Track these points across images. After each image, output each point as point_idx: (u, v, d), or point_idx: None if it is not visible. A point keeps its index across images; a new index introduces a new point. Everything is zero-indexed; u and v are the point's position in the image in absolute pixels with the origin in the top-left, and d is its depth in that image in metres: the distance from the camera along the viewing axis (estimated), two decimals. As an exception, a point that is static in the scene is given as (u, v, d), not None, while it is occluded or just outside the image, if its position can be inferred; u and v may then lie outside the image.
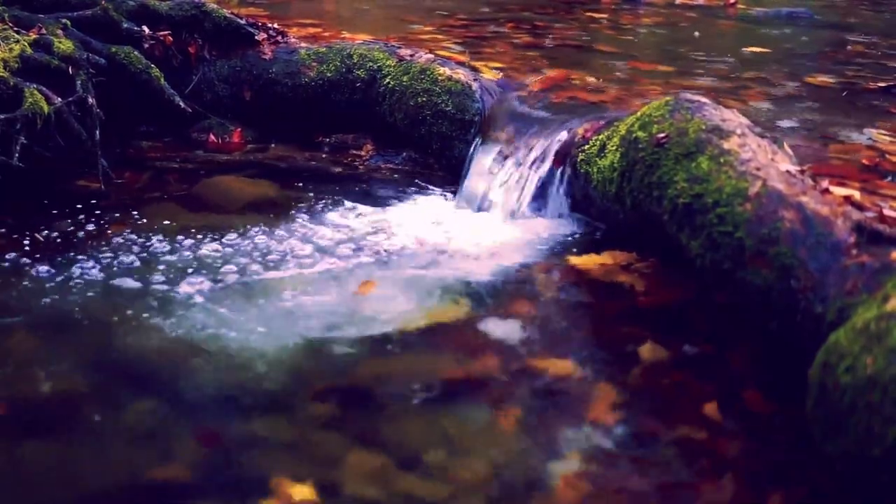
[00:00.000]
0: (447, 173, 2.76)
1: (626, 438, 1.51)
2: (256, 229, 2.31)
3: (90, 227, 2.29)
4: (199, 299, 1.93)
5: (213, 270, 2.06)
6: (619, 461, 1.46)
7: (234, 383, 1.64)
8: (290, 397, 1.62)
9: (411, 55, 2.92)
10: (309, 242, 2.25)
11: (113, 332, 1.78)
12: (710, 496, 1.39)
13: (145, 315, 1.85)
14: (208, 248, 2.18)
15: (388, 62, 2.92)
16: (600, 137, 2.28)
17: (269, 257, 2.15)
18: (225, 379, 1.65)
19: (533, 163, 2.47)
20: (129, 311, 1.86)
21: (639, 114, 2.11)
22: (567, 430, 1.53)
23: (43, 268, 2.03)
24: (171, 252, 2.15)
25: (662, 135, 1.95)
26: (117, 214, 2.38)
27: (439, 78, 2.78)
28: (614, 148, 2.15)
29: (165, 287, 1.97)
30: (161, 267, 2.07)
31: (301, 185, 2.68)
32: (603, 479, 1.41)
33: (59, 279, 1.98)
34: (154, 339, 1.77)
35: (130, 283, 1.99)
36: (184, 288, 1.97)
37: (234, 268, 2.08)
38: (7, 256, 2.08)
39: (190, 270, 2.06)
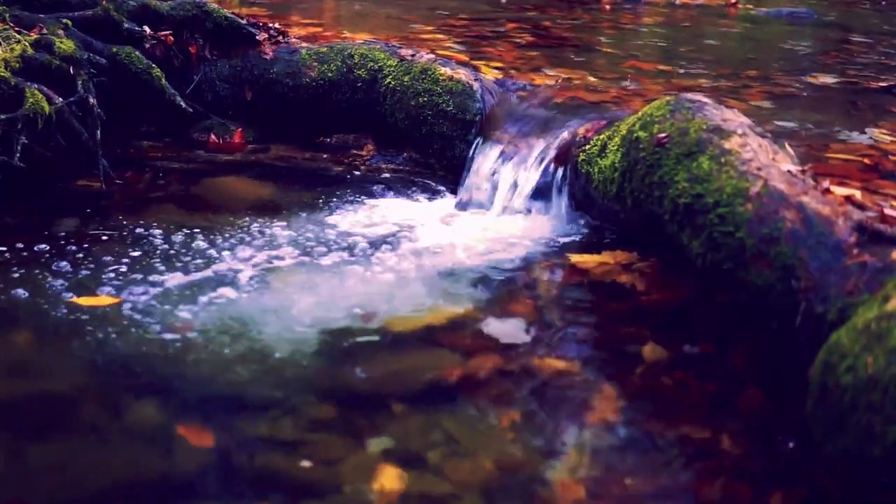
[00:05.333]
0: (448, 173, 2.76)
1: (627, 438, 1.51)
2: (257, 229, 2.31)
3: (91, 227, 2.29)
4: (199, 299, 1.93)
5: (213, 269, 2.07)
6: (619, 461, 1.46)
7: (234, 382, 1.64)
8: (289, 396, 1.62)
9: (412, 55, 2.92)
10: (309, 243, 2.25)
11: (114, 331, 1.79)
12: (710, 496, 1.39)
13: (146, 314, 1.85)
14: (209, 249, 2.18)
15: (389, 62, 2.92)
16: (601, 137, 2.28)
17: (270, 257, 2.15)
18: (224, 378, 1.65)
19: (534, 163, 2.47)
20: (130, 311, 1.86)
21: (640, 114, 2.11)
22: (567, 430, 1.53)
23: (44, 267, 2.03)
24: (171, 252, 2.15)
25: (663, 135, 1.95)
26: (118, 214, 2.39)
27: (440, 78, 2.78)
28: (615, 148, 2.15)
29: (165, 286, 1.97)
30: (161, 267, 2.07)
31: (302, 185, 2.68)
32: (603, 478, 1.41)
33: (59, 279, 1.98)
34: (155, 338, 1.77)
35: (131, 282, 1.99)
36: (184, 288, 1.97)
37: (234, 267, 2.08)
38: (8, 256, 2.08)
39: (190, 270, 2.06)
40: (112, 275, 2.01)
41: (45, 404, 1.58)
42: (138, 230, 2.27)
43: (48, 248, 2.14)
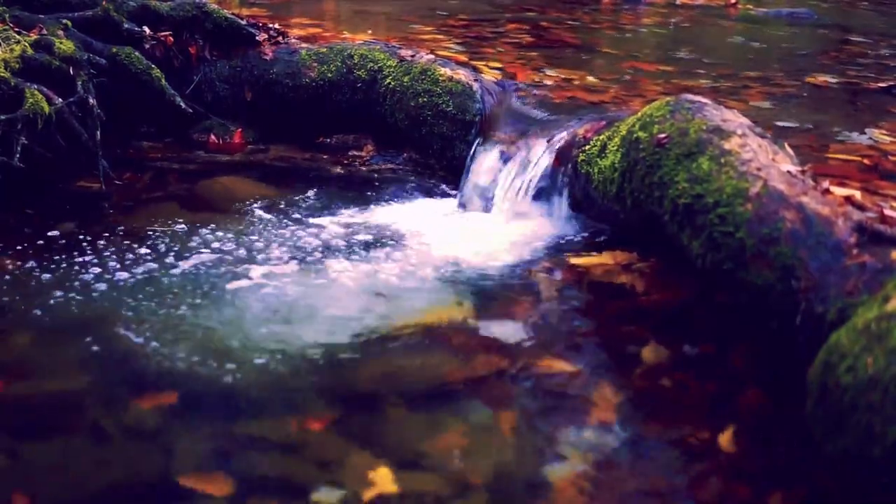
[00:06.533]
0: (448, 174, 2.76)
1: (627, 438, 1.51)
2: (257, 230, 2.31)
3: (91, 227, 2.29)
4: (199, 299, 1.93)
5: (213, 271, 2.07)
6: (619, 461, 1.46)
7: (234, 382, 1.64)
8: (288, 396, 1.62)
9: (412, 56, 2.92)
10: (309, 243, 2.25)
11: (114, 331, 1.79)
12: (710, 496, 1.39)
13: (146, 314, 1.85)
14: (208, 249, 2.18)
15: (388, 62, 2.92)
16: (601, 138, 2.28)
17: (270, 257, 2.15)
18: (225, 378, 1.65)
19: (534, 163, 2.47)
20: (130, 311, 1.86)
21: (640, 114, 2.11)
22: (567, 431, 1.53)
23: (44, 268, 2.03)
24: (171, 252, 2.15)
25: (663, 135, 1.95)
26: (118, 215, 2.39)
27: (440, 78, 2.78)
28: (615, 148, 2.15)
29: (166, 287, 1.97)
30: (161, 267, 2.07)
31: (302, 185, 2.68)
32: (603, 479, 1.41)
33: (59, 279, 1.98)
34: (154, 338, 1.77)
35: (131, 282, 1.99)
36: (184, 288, 1.97)
37: (234, 268, 2.08)
38: (8, 256, 2.08)
39: (190, 271, 2.06)
40: (110, 276, 2.02)
41: (47, 401, 1.58)
42: (137, 230, 2.27)
43: (47, 248, 2.14)
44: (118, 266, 2.06)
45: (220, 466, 1.42)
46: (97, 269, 2.04)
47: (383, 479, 1.39)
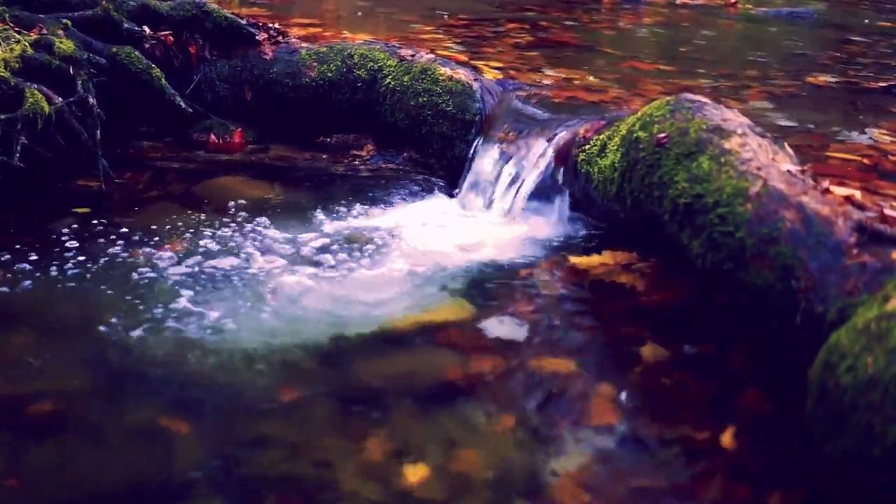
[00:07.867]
0: (448, 173, 2.76)
1: (626, 438, 1.51)
2: (257, 230, 2.31)
3: (91, 226, 2.29)
4: (198, 299, 1.93)
5: (213, 271, 2.07)
6: (619, 461, 1.46)
7: (233, 382, 1.64)
8: (289, 394, 1.62)
9: (412, 55, 2.92)
10: (308, 243, 2.25)
11: (113, 331, 1.79)
12: (710, 496, 1.39)
13: (145, 314, 1.85)
14: (208, 248, 2.18)
15: (388, 62, 2.92)
16: (601, 137, 2.28)
17: (270, 257, 2.15)
18: (223, 377, 1.65)
19: (534, 162, 2.47)
20: (130, 311, 1.86)
21: (640, 114, 2.11)
22: (567, 430, 1.53)
23: (44, 267, 2.03)
24: (170, 251, 2.15)
25: (663, 135, 1.95)
26: (118, 214, 2.39)
27: (440, 78, 2.78)
28: (615, 148, 2.15)
29: (165, 287, 1.97)
30: (161, 267, 2.07)
31: (302, 185, 2.68)
32: (603, 478, 1.41)
33: (59, 279, 1.98)
34: (153, 338, 1.77)
35: (130, 282, 1.99)
36: (183, 288, 1.97)
37: (234, 268, 2.08)
38: (8, 256, 2.08)
39: (190, 271, 2.06)
40: (110, 275, 2.02)
41: (47, 401, 1.58)
42: (137, 230, 2.27)
43: (47, 248, 2.14)
44: (118, 265, 2.06)
45: (220, 465, 1.42)
46: (97, 268, 2.04)
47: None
